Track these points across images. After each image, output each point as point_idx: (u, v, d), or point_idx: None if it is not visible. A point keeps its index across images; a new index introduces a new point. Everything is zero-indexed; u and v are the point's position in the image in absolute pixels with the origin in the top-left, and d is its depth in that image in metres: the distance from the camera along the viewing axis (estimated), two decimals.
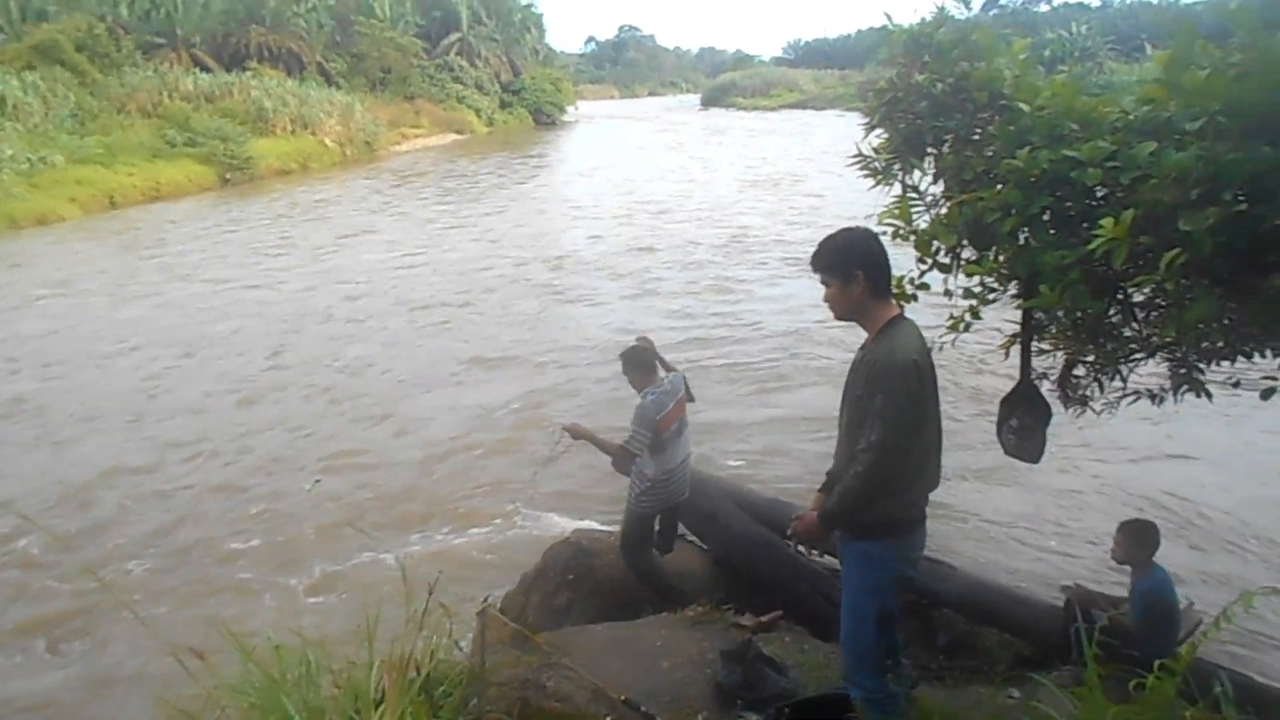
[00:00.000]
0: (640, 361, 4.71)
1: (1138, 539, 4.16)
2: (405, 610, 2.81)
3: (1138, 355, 4.00)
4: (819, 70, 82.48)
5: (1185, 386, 4.03)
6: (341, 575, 6.04)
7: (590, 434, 4.66)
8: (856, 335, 2.93)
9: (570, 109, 64.02)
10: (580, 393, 9.39)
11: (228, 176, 29.33)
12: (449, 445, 8.23)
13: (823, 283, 2.85)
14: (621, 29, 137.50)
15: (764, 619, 4.08)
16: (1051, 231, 3.00)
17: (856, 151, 3.79)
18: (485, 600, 3.08)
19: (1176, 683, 1.90)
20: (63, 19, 35.41)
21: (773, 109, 66.93)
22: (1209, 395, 3.90)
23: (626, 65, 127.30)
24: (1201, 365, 3.93)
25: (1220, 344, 3.38)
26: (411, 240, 18.53)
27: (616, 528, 5.77)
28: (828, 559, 4.88)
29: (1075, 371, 4.26)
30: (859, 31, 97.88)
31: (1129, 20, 54.48)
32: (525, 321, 12.33)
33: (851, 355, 2.92)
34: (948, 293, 3.38)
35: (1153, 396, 4.20)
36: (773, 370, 9.96)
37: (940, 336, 3.17)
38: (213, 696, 2.53)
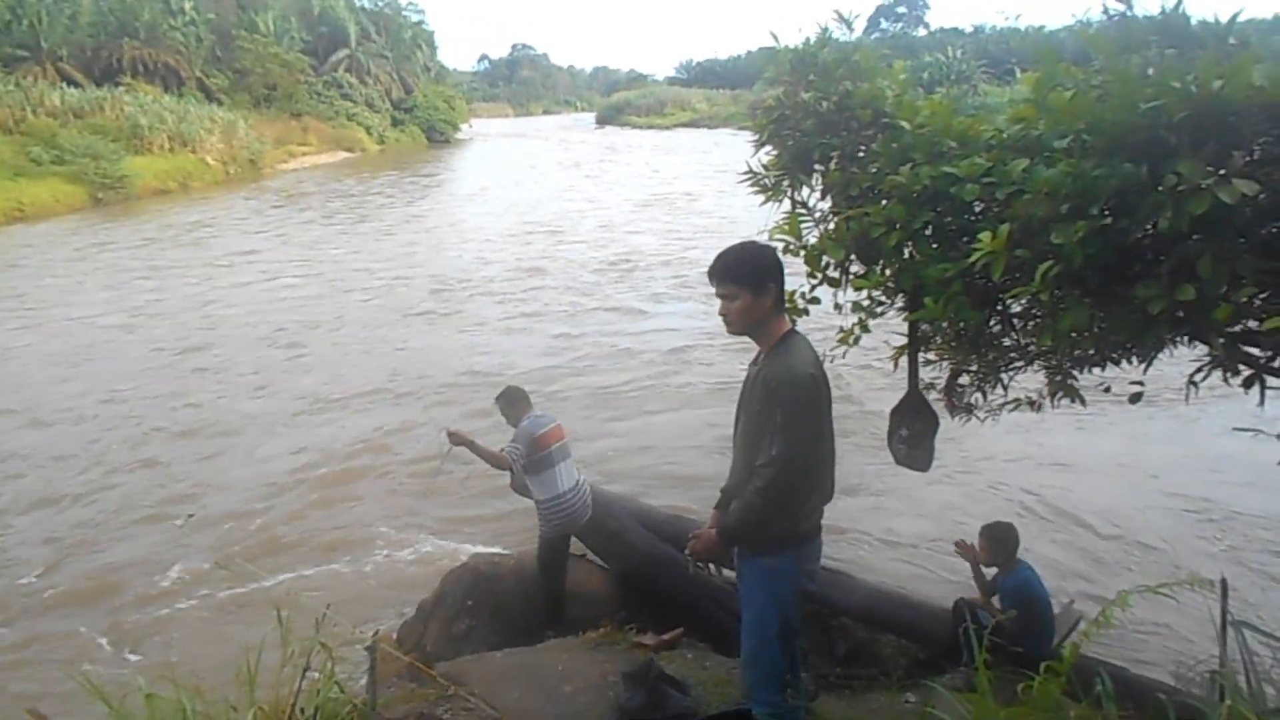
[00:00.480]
0: (515, 398, 4.97)
1: (998, 540, 4.34)
2: (285, 649, 2.67)
3: (1017, 364, 4.17)
4: (711, 90, 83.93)
5: (1061, 393, 4.24)
6: (217, 614, 5.70)
7: (469, 439, 4.75)
8: (732, 356, 2.94)
9: (464, 127, 63.40)
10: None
11: (100, 196, 27.81)
12: (293, 479, 7.79)
13: (723, 295, 2.79)
14: (515, 47, 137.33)
15: (665, 637, 4.05)
16: (934, 245, 3.09)
17: (747, 168, 3.84)
18: (374, 633, 2.95)
19: (1062, 682, 1.95)
20: None
21: (667, 127, 67.82)
22: (1083, 401, 4.09)
23: (521, 84, 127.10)
24: (1076, 372, 4.14)
25: (1092, 351, 3.56)
26: (289, 265, 17.63)
27: (513, 550, 5.70)
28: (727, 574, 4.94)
29: (960, 381, 4.42)
30: (749, 52, 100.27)
31: (1000, 45, 57.47)
32: (393, 351, 11.77)
33: (725, 377, 2.92)
34: (837, 306, 3.44)
35: (1031, 403, 4.39)
36: (642, 393, 9.67)
37: (830, 350, 3.22)
38: None
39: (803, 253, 3.32)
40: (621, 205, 25.39)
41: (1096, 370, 3.85)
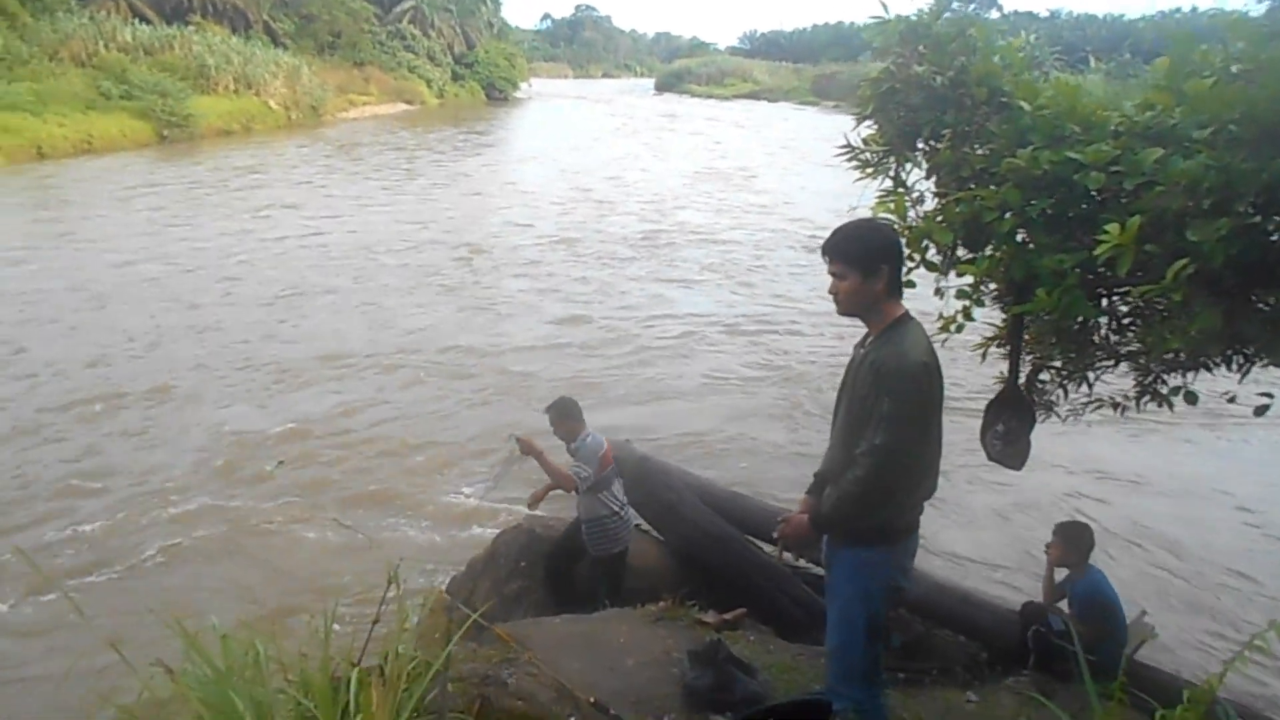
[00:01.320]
0: (570, 412, 4.64)
1: (1072, 540, 4.19)
2: (361, 599, 2.65)
3: (1105, 363, 4.02)
4: (773, 62, 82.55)
5: (1148, 397, 4.07)
6: (292, 561, 5.70)
7: (539, 451, 4.54)
8: (742, 350, 2.82)
9: (523, 85, 63.21)
10: (391, 404, 8.46)
11: (165, 133, 28.25)
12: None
13: (833, 273, 2.67)
14: (578, 8, 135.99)
15: (728, 616, 3.98)
16: (1050, 234, 2.93)
17: (845, 143, 3.70)
18: (443, 588, 2.92)
19: (1200, 714, 1.83)
20: None
21: (726, 98, 66.97)
22: (1170, 405, 3.92)
23: (582, 45, 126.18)
24: (1165, 377, 3.97)
25: (1183, 356, 3.40)
26: (325, 221, 17.18)
27: (570, 515, 5.66)
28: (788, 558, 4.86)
29: (1040, 377, 4.26)
30: (814, 26, 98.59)
31: (1076, 32, 55.69)
32: (389, 319, 11.13)
33: (725, 372, 2.81)
34: (938, 292, 3.31)
35: (1115, 405, 4.23)
36: (620, 382, 9.20)
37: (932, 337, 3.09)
38: (151, 690, 2.32)
39: (906, 233, 3.18)
40: (675, 178, 24.57)
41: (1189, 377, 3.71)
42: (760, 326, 11.11)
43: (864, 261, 2.62)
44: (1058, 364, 4.12)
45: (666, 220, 18.26)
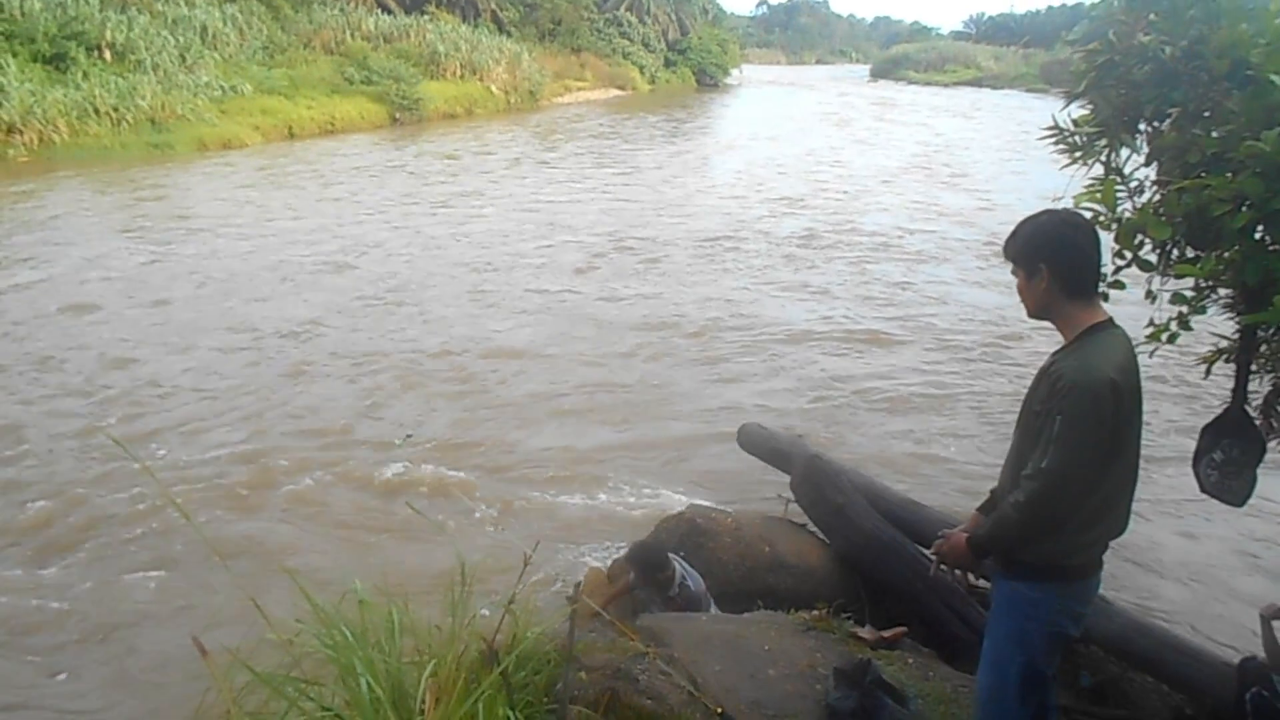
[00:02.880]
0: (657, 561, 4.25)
1: None
2: (500, 577, 2.62)
3: None
4: (1000, 47, 77.63)
5: None
6: (436, 527, 5.77)
7: None
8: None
9: (734, 72, 63.02)
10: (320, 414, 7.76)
11: (397, 116, 30.38)
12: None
13: (1013, 273, 2.45)
14: None
15: (886, 634, 3.70)
16: None
17: (1052, 123, 3.30)
18: (576, 585, 2.86)
19: None
20: None
21: (946, 85, 63.78)
22: None
23: (797, 31, 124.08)
24: None
25: None
26: (494, 214, 16.40)
27: (733, 508, 5.50)
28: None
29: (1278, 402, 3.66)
30: (1049, 8, 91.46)
31: None
32: (447, 320, 10.27)
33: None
34: (1150, 295, 2.88)
35: None
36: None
37: (1138, 346, 2.69)
38: (287, 646, 2.39)
39: (1115, 226, 2.77)
40: (878, 173, 22.42)
41: None
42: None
43: (1024, 259, 2.39)
44: None
45: (853, 226, 16.02)
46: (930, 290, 12.06)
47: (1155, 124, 2.95)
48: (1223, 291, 2.88)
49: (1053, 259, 2.34)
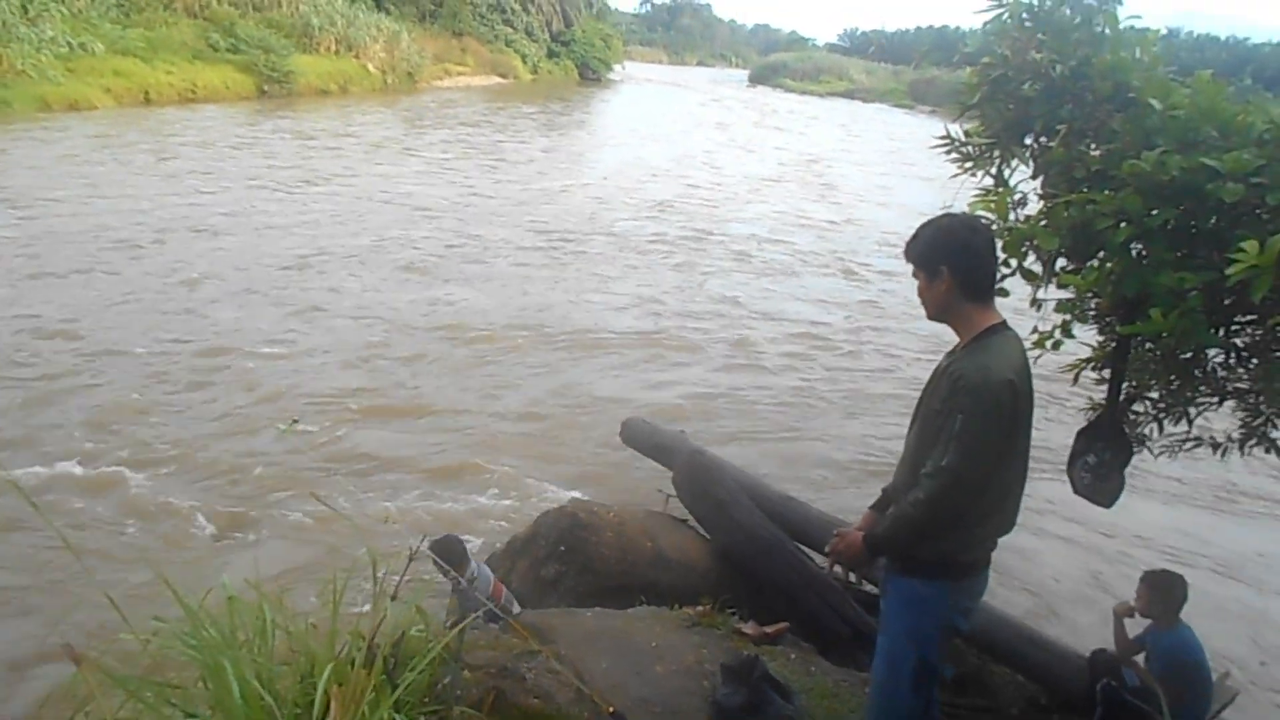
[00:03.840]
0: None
1: (1161, 591, 3.81)
2: (375, 572, 2.47)
3: (1209, 399, 3.65)
4: (871, 62, 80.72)
5: (1254, 440, 3.69)
6: (309, 527, 5.54)
7: None
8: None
9: (617, 68, 63.08)
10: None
11: (266, 88, 28.89)
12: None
13: (914, 275, 2.48)
14: None
15: (769, 630, 3.73)
16: (1172, 249, 2.61)
17: (945, 134, 3.40)
18: (463, 577, 2.74)
19: None
20: None
21: (821, 95, 65.79)
22: (1279, 452, 3.55)
23: (680, 31, 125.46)
24: (1278, 420, 3.59)
25: None
26: (353, 198, 15.62)
27: (615, 504, 5.45)
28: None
29: (1134, 408, 3.90)
30: (918, 29, 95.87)
31: (1194, 53, 53.16)
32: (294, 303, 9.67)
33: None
34: (1035, 303, 3.00)
35: (1216, 446, 3.85)
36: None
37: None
38: (149, 648, 2.18)
39: (1006, 235, 2.87)
40: (748, 181, 21.92)
41: None
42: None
43: (924, 261, 2.42)
44: (1154, 395, 3.78)
45: (706, 231, 15.75)
46: (758, 305, 11.74)
47: (1043, 139, 3.07)
48: (1098, 302, 3.02)
49: (954, 261, 2.38)
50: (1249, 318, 2.87)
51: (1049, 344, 2.91)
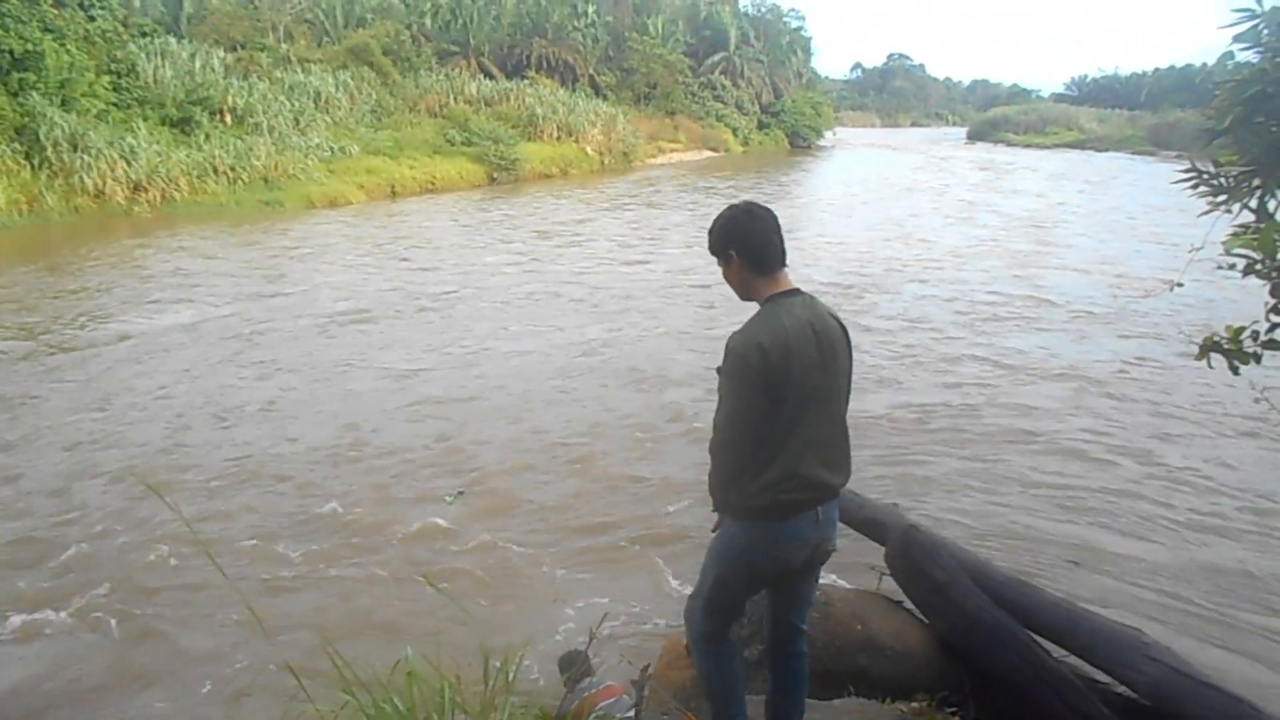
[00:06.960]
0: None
1: None
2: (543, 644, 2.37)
3: None
4: (1104, 109, 75.55)
5: None
6: (492, 594, 5.37)
7: None
8: None
9: (828, 134, 62.94)
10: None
11: (495, 176, 31.28)
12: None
13: (719, 265, 2.76)
14: (890, 56, 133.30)
15: None
16: None
17: (1189, 165, 2.97)
18: (646, 667, 2.59)
19: None
20: (376, 25, 39.36)
21: (1048, 147, 62.29)
22: None
23: (892, 93, 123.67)
24: None
25: None
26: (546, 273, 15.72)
27: (823, 580, 5.11)
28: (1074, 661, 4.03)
29: None
30: (1156, 70, 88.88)
31: None
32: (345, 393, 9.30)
33: None
34: None
35: None
36: None
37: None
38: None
39: (1276, 276, 2.42)
40: (964, 251, 18.61)
41: None
42: None
43: (717, 249, 2.71)
44: None
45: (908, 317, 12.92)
46: None
47: None
48: None
49: (740, 244, 2.66)
50: None
51: None
